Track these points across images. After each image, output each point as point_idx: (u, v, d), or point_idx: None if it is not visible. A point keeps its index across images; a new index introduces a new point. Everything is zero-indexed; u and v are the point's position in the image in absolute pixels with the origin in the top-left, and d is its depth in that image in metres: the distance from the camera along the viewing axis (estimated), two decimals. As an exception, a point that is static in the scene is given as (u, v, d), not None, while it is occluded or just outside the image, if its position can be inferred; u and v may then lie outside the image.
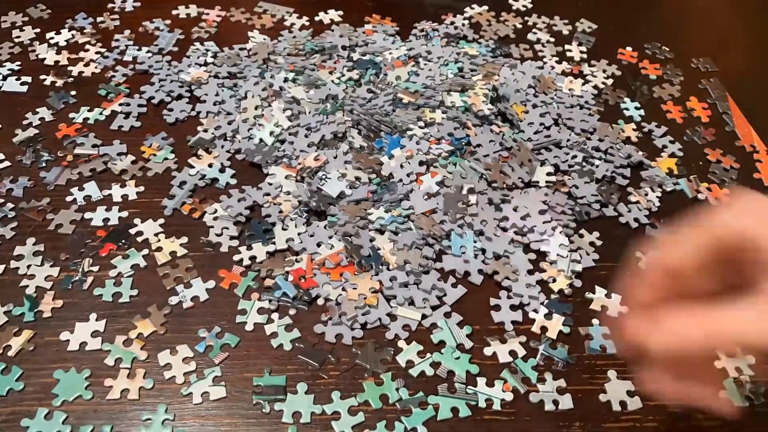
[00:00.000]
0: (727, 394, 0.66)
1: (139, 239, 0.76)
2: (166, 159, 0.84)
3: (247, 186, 0.80)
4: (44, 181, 0.81)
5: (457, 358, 0.67)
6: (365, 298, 0.70)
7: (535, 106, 0.91)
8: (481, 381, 0.65)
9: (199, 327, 0.68)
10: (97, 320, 0.68)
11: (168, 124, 0.88)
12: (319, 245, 0.74)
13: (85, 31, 1.02)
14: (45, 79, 0.93)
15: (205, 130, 0.87)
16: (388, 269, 0.73)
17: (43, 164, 0.82)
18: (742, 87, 1.01)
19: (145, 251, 0.74)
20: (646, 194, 0.84)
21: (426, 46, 1.00)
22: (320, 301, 0.71)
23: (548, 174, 0.83)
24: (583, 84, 0.98)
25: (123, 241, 0.76)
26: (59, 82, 0.92)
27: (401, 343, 0.68)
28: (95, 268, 0.73)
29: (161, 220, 0.77)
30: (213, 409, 0.63)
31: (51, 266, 0.72)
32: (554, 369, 0.67)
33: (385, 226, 0.75)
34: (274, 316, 0.70)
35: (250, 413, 0.63)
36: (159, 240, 0.76)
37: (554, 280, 0.73)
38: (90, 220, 0.77)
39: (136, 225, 0.77)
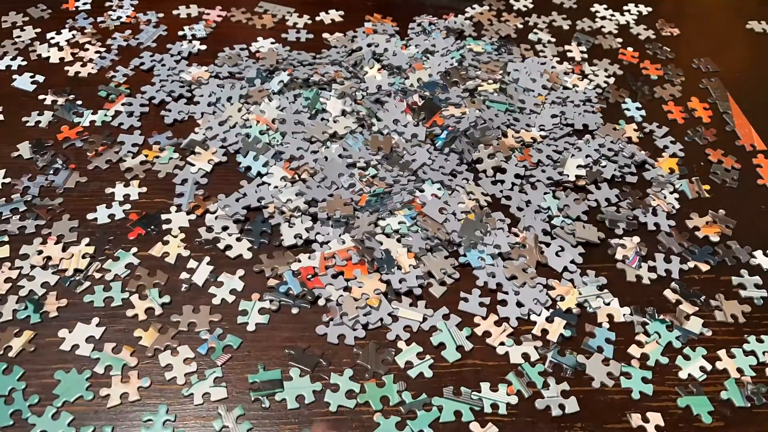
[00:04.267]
0: (727, 393, 0.66)
1: (165, 227, 0.77)
2: (171, 158, 0.84)
3: (247, 184, 0.80)
4: (54, 185, 0.80)
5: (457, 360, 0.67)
6: (368, 299, 0.70)
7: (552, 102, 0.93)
8: (485, 386, 0.65)
9: (200, 329, 0.68)
10: (98, 325, 0.68)
11: (166, 124, 0.88)
12: (327, 242, 0.75)
13: (86, 31, 1.02)
14: (47, 81, 0.93)
15: (195, 132, 0.87)
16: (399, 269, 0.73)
17: (51, 171, 0.82)
18: (742, 87, 1.01)
19: (135, 249, 0.74)
20: (665, 197, 0.83)
21: (428, 40, 1.00)
22: (321, 302, 0.71)
23: (578, 167, 0.83)
24: (589, 83, 0.98)
25: (152, 227, 0.76)
26: (60, 101, 0.91)
27: (401, 344, 0.68)
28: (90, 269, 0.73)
29: (192, 216, 0.78)
30: (214, 410, 0.63)
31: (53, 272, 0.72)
32: (562, 376, 0.66)
33: (407, 228, 0.76)
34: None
35: (251, 414, 0.63)
36: (179, 234, 0.76)
37: (563, 298, 0.73)
38: (93, 220, 0.77)
39: (170, 212, 0.78)
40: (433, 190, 0.80)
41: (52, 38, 1.00)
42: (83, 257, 0.73)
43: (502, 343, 0.68)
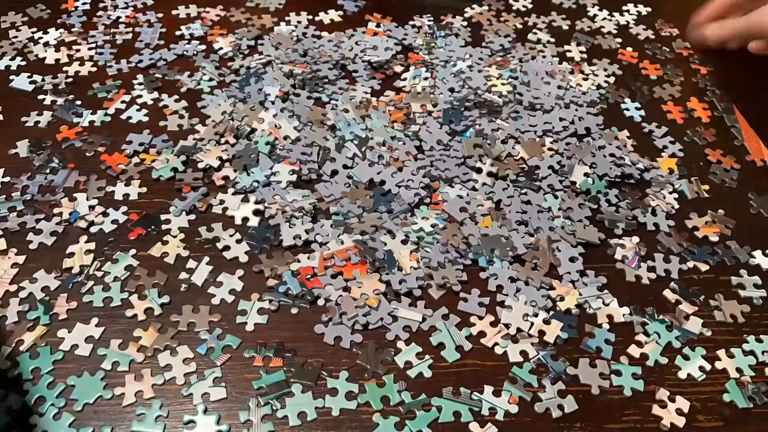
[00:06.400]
0: (729, 396, 0.66)
1: (164, 227, 0.77)
2: (168, 160, 0.84)
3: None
4: (53, 184, 0.80)
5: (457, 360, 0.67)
6: (367, 299, 0.70)
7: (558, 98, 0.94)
8: (488, 389, 0.65)
9: (200, 329, 0.68)
10: (97, 325, 0.68)
11: (166, 125, 0.88)
12: (326, 243, 0.75)
13: (73, 30, 1.02)
14: (46, 82, 0.93)
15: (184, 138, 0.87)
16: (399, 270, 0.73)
17: (48, 170, 0.82)
18: (741, 86, 1.01)
19: (134, 251, 0.75)
20: (664, 197, 0.83)
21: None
22: (320, 302, 0.70)
23: (585, 175, 0.83)
24: (591, 83, 0.98)
25: (152, 227, 0.76)
26: (60, 101, 0.91)
27: (400, 344, 0.68)
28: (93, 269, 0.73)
29: (192, 216, 0.78)
30: (213, 410, 0.63)
31: (56, 277, 0.72)
32: (548, 377, 0.66)
33: (436, 232, 0.76)
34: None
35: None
36: (178, 234, 0.76)
37: (562, 299, 0.73)
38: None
39: (169, 212, 0.78)
40: (456, 192, 0.81)
41: (46, 38, 1.00)
42: (86, 253, 0.73)
43: (496, 344, 0.68)
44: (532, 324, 0.70)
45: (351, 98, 0.91)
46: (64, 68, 0.96)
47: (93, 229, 0.76)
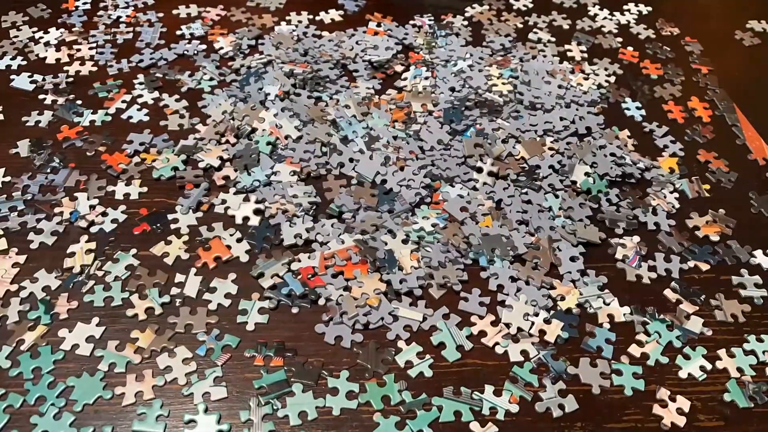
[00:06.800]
0: (730, 395, 0.66)
1: (172, 227, 0.77)
2: (168, 160, 0.84)
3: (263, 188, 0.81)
4: (53, 184, 0.80)
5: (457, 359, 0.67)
6: (367, 298, 0.70)
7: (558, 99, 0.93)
8: (489, 389, 0.65)
9: (197, 330, 0.68)
10: (98, 325, 0.68)
11: (166, 125, 0.89)
12: (327, 242, 0.75)
13: (73, 29, 1.02)
14: (47, 81, 0.93)
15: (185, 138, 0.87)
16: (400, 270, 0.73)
17: (48, 169, 0.82)
18: (741, 86, 1.01)
19: (135, 251, 0.74)
20: (665, 196, 0.83)
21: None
22: (321, 301, 0.70)
23: (586, 174, 0.83)
24: (592, 82, 0.98)
25: (158, 224, 0.76)
26: (60, 100, 0.91)
27: (401, 344, 0.68)
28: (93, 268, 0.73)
29: (199, 213, 0.78)
30: (214, 410, 0.63)
31: (57, 277, 0.72)
32: (548, 376, 0.66)
33: (436, 231, 0.76)
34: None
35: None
36: (183, 235, 0.76)
37: (563, 298, 0.73)
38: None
39: (176, 211, 0.78)
40: (457, 191, 0.81)
41: (47, 38, 1.00)
42: (86, 253, 0.73)
43: (497, 344, 0.68)
44: (533, 323, 0.70)
45: (355, 93, 0.91)
46: (65, 68, 0.96)
47: (93, 229, 0.76)
